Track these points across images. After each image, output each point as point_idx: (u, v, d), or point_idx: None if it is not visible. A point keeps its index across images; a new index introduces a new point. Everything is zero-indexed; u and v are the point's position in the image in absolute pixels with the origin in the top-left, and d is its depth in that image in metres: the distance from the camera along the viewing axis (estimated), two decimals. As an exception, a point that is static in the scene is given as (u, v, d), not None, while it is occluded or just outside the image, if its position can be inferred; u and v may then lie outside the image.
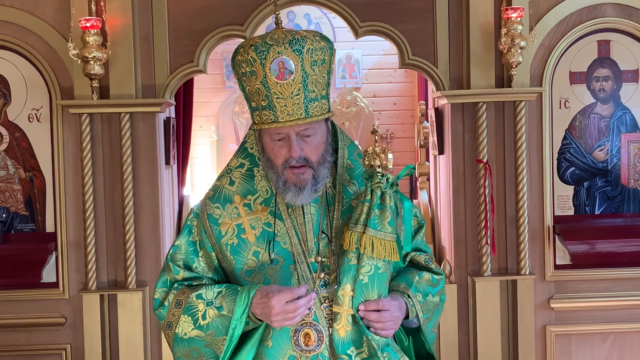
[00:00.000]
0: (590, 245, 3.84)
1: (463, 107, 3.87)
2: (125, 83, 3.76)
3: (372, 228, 1.95)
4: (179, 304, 2.03)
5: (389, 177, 1.97)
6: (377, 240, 1.95)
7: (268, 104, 1.94)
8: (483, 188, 3.80)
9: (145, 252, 3.84)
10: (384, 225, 1.96)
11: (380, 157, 1.97)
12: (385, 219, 1.96)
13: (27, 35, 3.78)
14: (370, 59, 7.14)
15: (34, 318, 3.83)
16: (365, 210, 1.96)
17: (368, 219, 1.95)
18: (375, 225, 1.95)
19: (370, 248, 1.94)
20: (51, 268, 3.82)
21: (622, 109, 3.91)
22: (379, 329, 1.98)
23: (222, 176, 2.12)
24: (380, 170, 1.97)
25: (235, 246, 2.04)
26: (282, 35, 1.93)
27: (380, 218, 1.95)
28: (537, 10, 3.81)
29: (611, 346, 3.94)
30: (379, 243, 1.95)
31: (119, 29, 3.73)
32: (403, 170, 2.07)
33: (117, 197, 3.81)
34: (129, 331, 3.78)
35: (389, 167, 2.00)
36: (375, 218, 1.95)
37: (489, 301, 3.82)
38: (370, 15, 3.88)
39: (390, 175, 1.98)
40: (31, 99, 3.82)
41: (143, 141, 3.83)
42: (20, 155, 3.83)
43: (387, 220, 1.96)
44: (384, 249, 1.95)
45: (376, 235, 1.95)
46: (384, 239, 1.95)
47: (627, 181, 3.92)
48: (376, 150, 1.98)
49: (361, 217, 1.96)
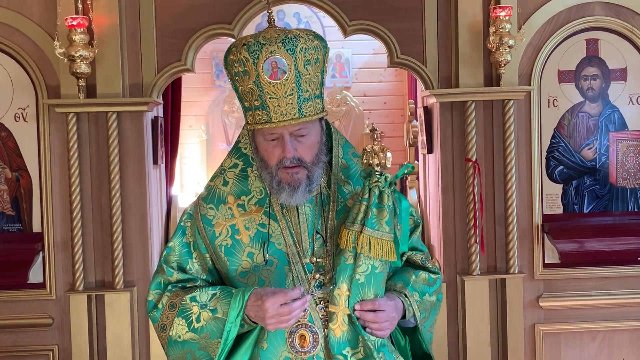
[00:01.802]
0: (579, 243, 3.84)
1: (452, 106, 3.87)
2: (112, 82, 3.74)
3: (369, 227, 1.92)
4: (173, 306, 2.01)
5: (387, 176, 1.95)
6: (375, 239, 1.93)
7: (261, 104, 1.91)
8: (472, 187, 3.79)
9: (133, 252, 3.82)
10: (382, 224, 1.93)
11: (379, 155, 1.95)
12: (383, 218, 1.94)
13: (13, 33, 3.75)
14: (360, 58, 7.13)
15: (20, 319, 3.80)
16: (362, 210, 1.94)
17: (366, 218, 1.93)
18: (373, 224, 1.93)
19: (368, 247, 1.92)
20: (38, 268, 3.79)
21: (610, 108, 3.91)
22: (375, 329, 1.95)
23: (216, 176, 2.10)
24: (379, 169, 1.95)
25: (229, 247, 2.02)
26: (274, 34, 1.90)
27: (378, 217, 1.93)
28: (526, 9, 3.81)
29: (600, 344, 3.95)
30: (377, 242, 1.93)
31: (105, 27, 3.70)
32: (402, 169, 2.05)
33: (104, 196, 3.78)
34: (117, 331, 3.76)
35: (388, 166, 1.98)
36: (373, 217, 1.93)
37: (478, 300, 3.83)
38: (359, 14, 3.87)
39: (389, 175, 1.96)
40: (17, 98, 3.79)
41: (130, 140, 3.81)
42: (6, 155, 3.80)
43: (384, 220, 1.94)
44: (381, 248, 1.93)
45: (373, 235, 1.93)
46: (382, 239, 1.93)
47: (616, 180, 3.92)
48: (375, 148, 1.96)
49: (358, 216, 1.94)
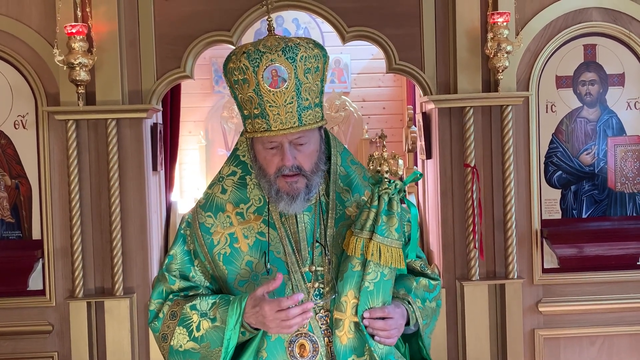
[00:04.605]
0: (578, 248, 3.85)
1: (450, 112, 3.87)
2: (111, 89, 3.75)
3: (379, 234, 1.91)
4: (174, 315, 1.99)
5: (397, 183, 1.95)
6: (385, 247, 1.92)
7: (261, 112, 1.90)
8: (471, 192, 3.80)
9: (133, 258, 3.82)
10: (391, 231, 1.93)
11: (389, 162, 1.95)
12: (392, 225, 1.93)
13: (12, 41, 3.76)
14: (359, 64, 7.13)
15: (20, 326, 3.80)
16: (371, 216, 1.93)
17: (375, 225, 1.92)
18: (383, 231, 1.92)
19: (378, 255, 1.91)
20: (38, 275, 3.80)
21: (608, 113, 3.92)
22: (384, 337, 1.93)
23: (214, 184, 2.08)
24: (388, 175, 1.95)
25: (227, 256, 2.00)
26: (275, 42, 1.90)
27: (387, 224, 1.92)
28: (523, 15, 3.82)
29: (599, 349, 3.95)
30: (386, 250, 1.92)
31: (105, 35, 3.71)
32: (410, 176, 2.04)
33: (103, 203, 3.79)
34: (117, 338, 3.75)
35: (400, 173, 1.98)
36: (383, 224, 1.92)
37: (478, 305, 3.83)
38: (357, 21, 3.88)
39: (399, 182, 1.95)
40: (17, 105, 3.79)
41: (130, 147, 3.81)
42: (5, 162, 3.80)
43: (394, 227, 1.93)
44: (390, 255, 1.92)
45: (383, 242, 1.92)
46: (391, 246, 1.93)
47: (614, 185, 3.93)
48: (384, 155, 1.96)
49: (367, 223, 1.93)
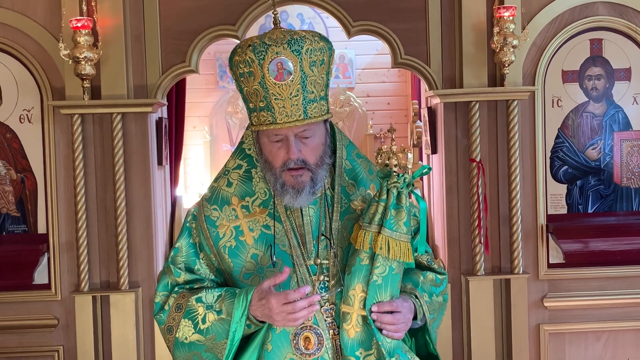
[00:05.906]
0: (584, 243, 3.84)
1: (456, 107, 3.86)
2: (116, 83, 3.74)
3: (388, 228, 1.91)
4: (179, 307, 2.00)
5: (405, 176, 1.94)
6: (393, 240, 1.91)
7: (266, 105, 1.90)
8: (476, 187, 3.79)
9: (138, 253, 3.82)
10: (400, 225, 1.92)
11: (398, 156, 1.95)
12: (401, 219, 1.93)
13: (17, 35, 3.75)
14: (364, 59, 7.11)
15: (26, 320, 3.80)
16: (380, 210, 1.93)
17: (384, 219, 1.92)
18: (391, 225, 1.92)
19: (387, 248, 1.91)
20: (43, 269, 3.80)
21: (614, 108, 3.91)
22: (392, 331, 1.93)
23: (220, 177, 2.09)
24: (397, 169, 1.94)
25: (233, 249, 2.01)
26: (280, 35, 1.91)
27: (396, 218, 1.92)
28: (530, 9, 3.81)
29: (605, 345, 3.94)
30: (395, 244, 1.92)
31: (110, 29, 3.71)
32: (419, 170, 2.04)
33: (109, 197, 3.79)
34: (122, 332, 3.76)
35: (409, 167, 1.98)
36: (391, 218, 1.92)
37: (483, 300, 3.82)
38: (362, 15, 3.87)
39: (407, 175, 1.95)
40: (22, 99, 3.79)
41: (135, 142, 3.81)
42: (11, 157, 3.81)
43: (402, 221, 1.93)
44: (399, 249, 1.92)
45: (392, 236, 1.91)
46: (400, 240, 1.92)
47: (620, 180, 3.92)
48: (393, 149, 1.96)
49: (376, 216, 1.92)
